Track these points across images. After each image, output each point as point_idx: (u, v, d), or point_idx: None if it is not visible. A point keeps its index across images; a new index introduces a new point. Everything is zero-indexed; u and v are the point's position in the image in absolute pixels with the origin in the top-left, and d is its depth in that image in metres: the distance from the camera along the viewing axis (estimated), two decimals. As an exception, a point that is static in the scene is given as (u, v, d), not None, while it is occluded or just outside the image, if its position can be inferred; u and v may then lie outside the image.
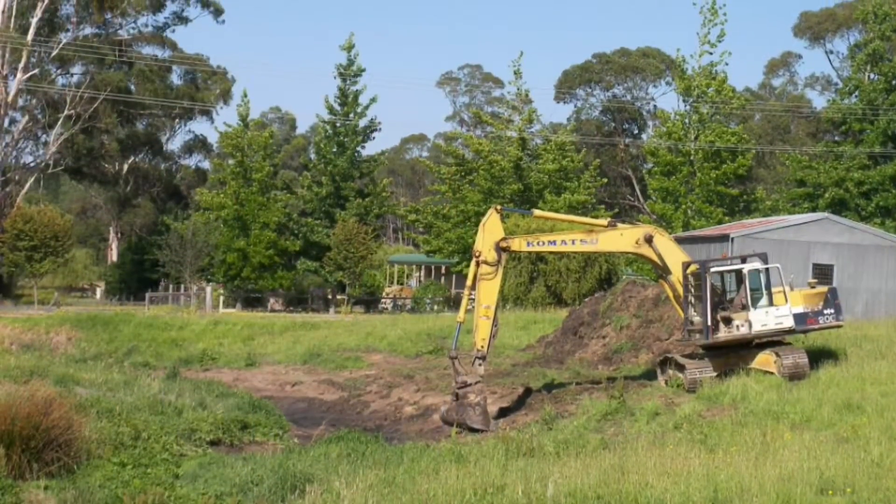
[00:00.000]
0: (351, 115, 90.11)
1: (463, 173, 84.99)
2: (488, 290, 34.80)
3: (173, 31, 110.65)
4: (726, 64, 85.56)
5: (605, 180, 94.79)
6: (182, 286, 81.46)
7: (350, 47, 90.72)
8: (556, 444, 27.26)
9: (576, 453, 25.32)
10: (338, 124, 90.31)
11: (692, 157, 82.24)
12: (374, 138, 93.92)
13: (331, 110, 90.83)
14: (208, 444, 29.59)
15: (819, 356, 35.87)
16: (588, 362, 43.64)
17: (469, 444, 28.44)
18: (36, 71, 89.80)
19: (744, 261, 36.25)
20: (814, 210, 74.97)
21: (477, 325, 34.64)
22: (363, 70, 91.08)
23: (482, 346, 34.48)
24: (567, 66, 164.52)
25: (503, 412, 36.05)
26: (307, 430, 34.19)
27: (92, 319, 59.34)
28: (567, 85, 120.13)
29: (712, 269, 35.49)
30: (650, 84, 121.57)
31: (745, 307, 34.86)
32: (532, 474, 21.15)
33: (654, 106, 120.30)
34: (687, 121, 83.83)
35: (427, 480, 21.52)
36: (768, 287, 35.26)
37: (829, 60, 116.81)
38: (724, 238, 54.74)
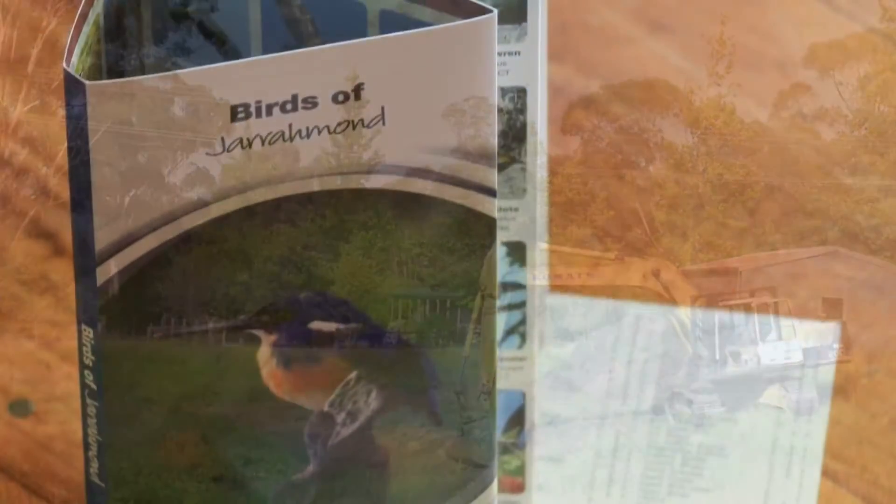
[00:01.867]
0: (354, 147, 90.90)
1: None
2: (493, 325, 34.72)
3: (174, 62, 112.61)
4: (734, 95, 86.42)
5: (611, 213, 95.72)
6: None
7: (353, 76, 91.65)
8: (563, 480, 27.15)
9: (582, 489, 25.19)
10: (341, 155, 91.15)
11: (699, 190, 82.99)
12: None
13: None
14: (211, 480, 29.53)
15: (828, 391, 35.81)
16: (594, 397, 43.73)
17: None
18: (36, 102, 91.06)
19: (752, 294, 36.25)
20: (823, 243, 75.52)
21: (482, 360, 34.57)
22: (367, 100, 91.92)
23: (487, 381, 34.36)
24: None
25: (509, 447, 36.00)
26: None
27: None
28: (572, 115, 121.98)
29: (720, 303, 35.49)
30: (657, 115, 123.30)
31: (753, 341, 34.84)
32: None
33: (661, 138, 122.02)
34: (694, 153, 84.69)
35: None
36: (777, 321, 35.25)
37: (839, 92, 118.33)
38: (732, 272, 54.98)
